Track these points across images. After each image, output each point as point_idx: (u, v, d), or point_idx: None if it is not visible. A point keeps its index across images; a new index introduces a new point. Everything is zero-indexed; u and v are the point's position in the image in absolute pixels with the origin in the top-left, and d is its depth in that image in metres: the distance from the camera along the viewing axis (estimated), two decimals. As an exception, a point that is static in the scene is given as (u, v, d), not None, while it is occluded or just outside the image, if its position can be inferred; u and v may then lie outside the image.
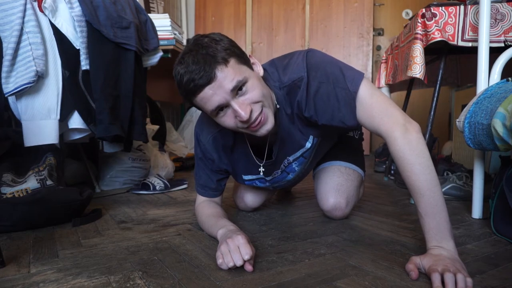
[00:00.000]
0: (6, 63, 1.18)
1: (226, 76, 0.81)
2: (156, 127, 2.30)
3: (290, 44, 3.62)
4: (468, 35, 1.38)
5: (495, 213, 1.09)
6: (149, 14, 1.79)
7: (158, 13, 3.11)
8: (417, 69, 1.42)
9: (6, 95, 1.21)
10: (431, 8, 1.40)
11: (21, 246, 1.00)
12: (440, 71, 1.52)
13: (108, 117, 1.42)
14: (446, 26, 1.39)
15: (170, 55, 2.11)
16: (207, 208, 1.12)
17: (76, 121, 1.38)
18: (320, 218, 1.27)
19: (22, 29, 1.21)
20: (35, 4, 1.26)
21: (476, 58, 1.22)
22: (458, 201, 1.50)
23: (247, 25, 3.68)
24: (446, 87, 2.89)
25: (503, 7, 1.34)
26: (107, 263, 0.87)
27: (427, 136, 1.56)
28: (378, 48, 3.70)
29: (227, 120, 0.87)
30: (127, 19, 1.52)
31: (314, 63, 0.93)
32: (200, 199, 1.17)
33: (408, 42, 1.58)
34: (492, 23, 1.32)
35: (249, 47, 3.68)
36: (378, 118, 0.88)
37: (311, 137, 1.05)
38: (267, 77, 0.96)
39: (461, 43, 1.39)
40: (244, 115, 0.83)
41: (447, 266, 0.72)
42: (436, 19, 1.39)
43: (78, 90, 1.37)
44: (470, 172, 1.36)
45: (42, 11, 1.27)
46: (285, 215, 1.32)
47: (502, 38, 1.33)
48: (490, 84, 1.17)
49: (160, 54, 1.77)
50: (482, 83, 1.20)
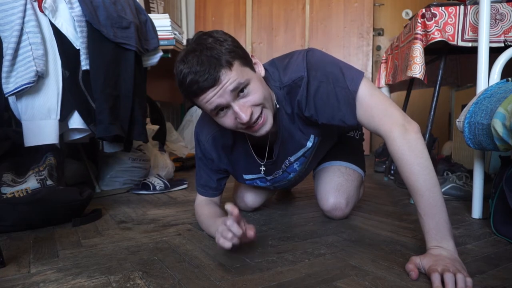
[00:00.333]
0: (6, 63, 1.18)
1: (229, 79, 0.81)
2: (156, 127, 2.30)
3: (290, 44, 3.62)
4: (468, 35, 1.38)
5: (495, 213, 1.09)
6: (149, 14, 1.79)
7: (158, 13, 3.11)
8: (417, 69, 1.42)
9: (6, 95, 1.21)
10: (431, 8, 1.40)
11: (21, 246, 1.00)
12: (440, 71, 1.52)
13: (108, 117, 1.42)
14: (446, 26, 1.39)
15: (170, 55, 2.11)
16: (206, 208, 1.12)
17: (76, 121, 1.38)
18: (320, 218, 1.27)
19: (22, 29, 1.21)
20: (35, 4, 1.26)
21: (476, 58, 1.22)
22: (458, 201, 1.50)
23: (247, 25, 3.68)
24: (446, 87, 2.89)
25: (503, 7, 1.34)
26: (107, 263, 0.87)
27: (427, 136, 1.56)
28: (378, 48, 3.70)
29: (227, 120, 0.88)
30: (127, 19, 1.52)
31: (314, 63, 0.93)
32: (200, 198, 1.17)
33: (408, 42, 1.58)
34: (492, 23, 1.32)
35: (249, 47, 3.68)
36: (377, 118, 0.89)
37: (312, 136, 1.05)
38: (268, 77, 0.96)
39: (461, 43, 1.39)
40: (245, 117, 0.83)
41: (447, 266, 0.72)
42: (436, 19, 1.39)
43: (78, 90, 1.37)
44: (470, 172, 1.36)
45: (42, 11, 1.27)
46: (285, 215, 1.32)
47: (502, 38, 1.33)
48: (490, 84, 1.17)
49: (160, 54, 1.77)
50: (482, 83, 1.20)
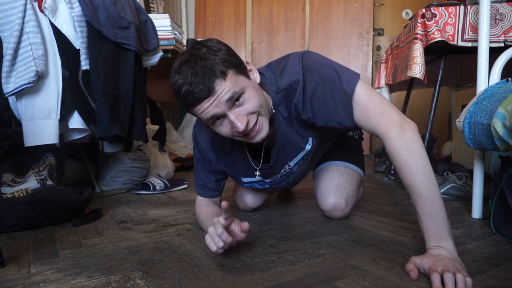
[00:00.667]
0: (6, 63, 1.18)
1: (224, 89, 0.81)
2: (156, 127, 2.30)
3: (290, 44, 3.62)
4: (468, 35, 1.38)
5: (495, 213, 1.09)
6: (149, 14, 1.79)
7: (158, 13, 3.11)
8: (417, 69, 1.42)
9: (6, 95, 1.21)
10: (431, 8, 1.40)
11: (21, 246, 1.00)
12: (440, 71, 1.52)
13: (108, 117, 1.42)
14: (446, 26, 1.39)
15: (170, 55, 2.11)
16: (205, 208, 1.12)
17: (76, 121, 1.38)
18: (320, 218, 1.28)
19: (22, 29, 1.21)
20: (35, 4, 1.26)
21: (476, 58, 1.22)
22: (458, 201, 1.50)
23: (247, 25, 3.68)
24: (446, 87, 2.89)
25: (503, 7, 1.34)
26: (107, 263, 0.87)
27: (427, 136, 1.56)
28: (378, 48, 3.70)
29: (223, 129, 0.88)
30: (127, 19, 1.52)
31: (309, 65, 0.93)
32: (199, 199, 1.17)
33: (408, 42, 1.58)
34: (492, 23, 1.32)
35: (249, 47, 3.68)
36: (374, 119, 0.89)
37: (310, 139, 1.05)
38: (265, 81, 0.96)
39: (461, 43, 1.39)
40: (241, 126, 0.84)
41: (446, 266, 0.72)
42: (436, 19, 1.39)
43: (78, 90, 1.37)
44: (470, 172, 1.36)
45: (42, 11, 1.27)
46: (285, 215, 1.32)
47: (502, 38, 1.33)
48: (490, 84, 1.17)
49: (160, 54, 1.77)
50: (482, 83, 1.20)
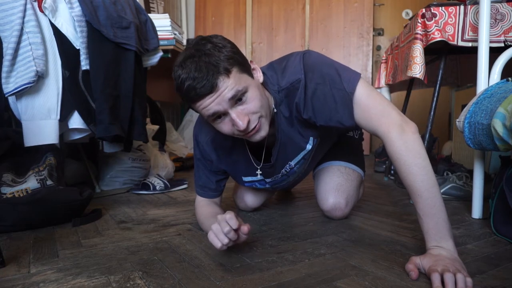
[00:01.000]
0: (6, 63, 1.18)
1: (227, 86, 0.81)
2: (156, 127, 2.30)
3: (290, 44, 3.61)
4: (468, 35, 1.38)
5: (495, 213, 1.09)
6: (149, 14, 1.79)
7: (158, 13, 3.11)
8: (417, 69, 1.42)
9: (6, 95, 1.21)
10: (431, 8, 1.40)
11: (21, 246, 1.00)
12: (440, 71, 1.52)
13: (108, 117, 1.42)
14: (446, 26, 1.39)
15: (170, 55, 2.11)
16: (206, 208, 1.12)
17: (76, 121, 1.38)
18: (320, 218, 1.27)
19: (22, 29, 1.21)
20: (35, 4, 1.26)
21: (476, 58, 1.22)
22: (458, 201, 1.50)
23: (247, 25, 3.68)
24: (446, 87, 2.89)
25: (503, 7, 1.34)
26: (107, 263, 0.87)
27: (427, 136, 1.56)
28: (378, 48, 3.70)
29: (224, 127, 0.88)
30: (127, 19, 1.52)
31: (310, 65, 0.93)
32: (199, 199, 1.17)
33: (408, 42, 1.58)
34: (492, 23, 1.32)
35: (249, 47, 3.68)
36: (375, 119, 0.89)
37: (311, 138, 1.05)
38: (267, 81, 0.96)
39: (461, 43, 1.39)
40: (242, 125, 0.84)
41: (446, 266, 0.72)
42: (436, 19, 1.39)
43: (78, 90, 1.37)
44: (470, 172, 1.36)
45: (42, 11, 1.27)
46: (285, 215, 1.32)
47: (502, 38, 1.33)
48: (490, 84, 1.17)
49: (160, 54, 1.77)
50: (482, 83, 1.20)
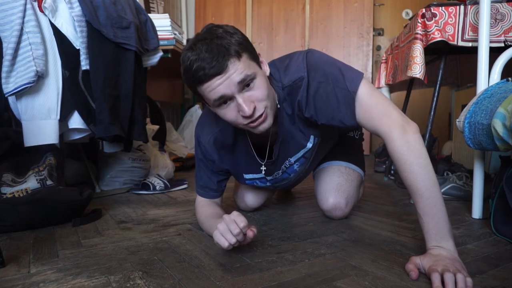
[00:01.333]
0: (6, 63, 1.18)
1: (237, 69, 0.81)
2: (156, 127, 2.30)
3: (290, 44, 3.61)
4: (468, 35, 1.38)
5: (495, 213, 1.09)
6: (149, 14, 1.79)
7: (158, 13, 3.11)
8: (417, 69, 1.42)
9: (6, 95, 1.21)
10: (431, 8, 1.40)
11: (21, 246, 1.00)
12: (440, 71, 1.52)
13: (108, 117, 1.42)
14: (446, 26, 1.39)
15: (170, 55, 2.11)
16: (206, 208, 1.12)
17: (76, 121, 1.38)
18: (320, 218, 1.27)
19: (22, 29, 1.21)
20: (35, 4, 1.26)
21: (476, 58, 1.22)
22: (458, 201, 1.50)
23: (247, 25, 3.68)
24: (446, 87, 2.89)
25: (503, 7, 1.34)
26: (107, 263, 0.87)
27: (427, 136, 1.56)
28: (378, 48, 3.70)
29: (228, 113, 0.87)
30: (127, 19, 1.52)
31: (313, 63, 0.93)
32: (200, 199, 1.16)
33: (408, 42, 1.58)
34: (492, 23, 1.32)
35: (249, 47, 3.67)
36: (376, 118, 0.89)
37: (311, 137, 1.05)
38: (270, 77, 0.97)
39: (461, 43, 1.39)
40: (248, 110, 0.83)
41: (447, 266, 0.72)
42: (436, 19, 1.39)
43: (78, 90, 1.37)
44: (470, 172, 1.36)
45: (42, 11, 1.27)
46: (285, 215, 1.32)
47: (502, 38, 1.33)
48: (490, 84, 1.17)
49: (160, 54, 1.77)
50: (482, 83, 1.20)
